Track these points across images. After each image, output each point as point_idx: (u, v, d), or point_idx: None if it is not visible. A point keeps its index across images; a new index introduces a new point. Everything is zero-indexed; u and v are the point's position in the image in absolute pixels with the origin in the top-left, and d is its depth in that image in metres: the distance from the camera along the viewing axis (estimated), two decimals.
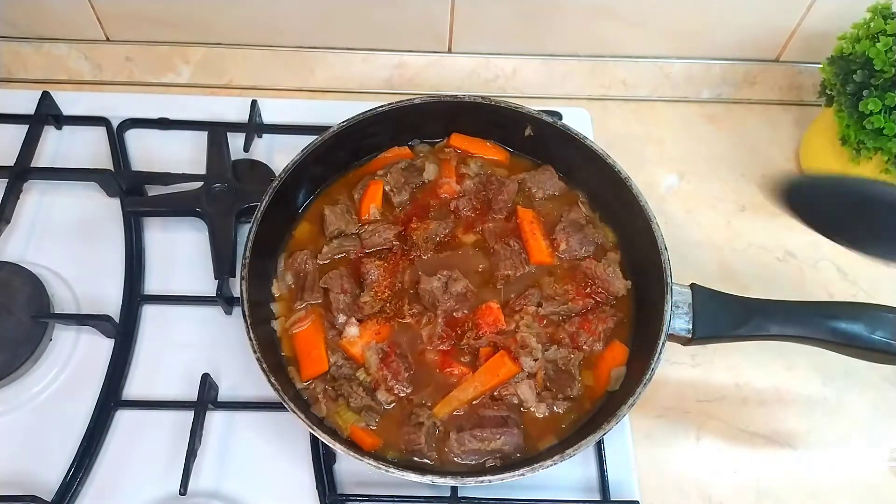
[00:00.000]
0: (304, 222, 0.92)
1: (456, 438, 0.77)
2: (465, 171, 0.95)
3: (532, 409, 0.80)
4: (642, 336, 0.83)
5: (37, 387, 0.86)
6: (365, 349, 0.82)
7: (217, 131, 1.01)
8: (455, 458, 0.77)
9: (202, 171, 0.98)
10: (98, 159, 1.02)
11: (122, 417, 0.85)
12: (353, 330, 0.82)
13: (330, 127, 0.89)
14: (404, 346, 0.83)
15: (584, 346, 0.84)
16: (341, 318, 0.83)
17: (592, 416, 0.81)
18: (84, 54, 1.12)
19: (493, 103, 0.92)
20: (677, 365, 0.92)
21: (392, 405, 0.80)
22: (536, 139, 0.94)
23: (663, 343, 0.78)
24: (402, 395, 0.80)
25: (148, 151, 1.04)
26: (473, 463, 0.77)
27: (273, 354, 0.81)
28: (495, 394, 0.81)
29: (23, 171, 0.99)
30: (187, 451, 0.80)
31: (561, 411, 0.81)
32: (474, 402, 0.80)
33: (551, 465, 0.72)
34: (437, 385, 0.81)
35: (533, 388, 0.80)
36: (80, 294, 0.92)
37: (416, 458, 0.77)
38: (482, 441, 0.77)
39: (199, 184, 0.96)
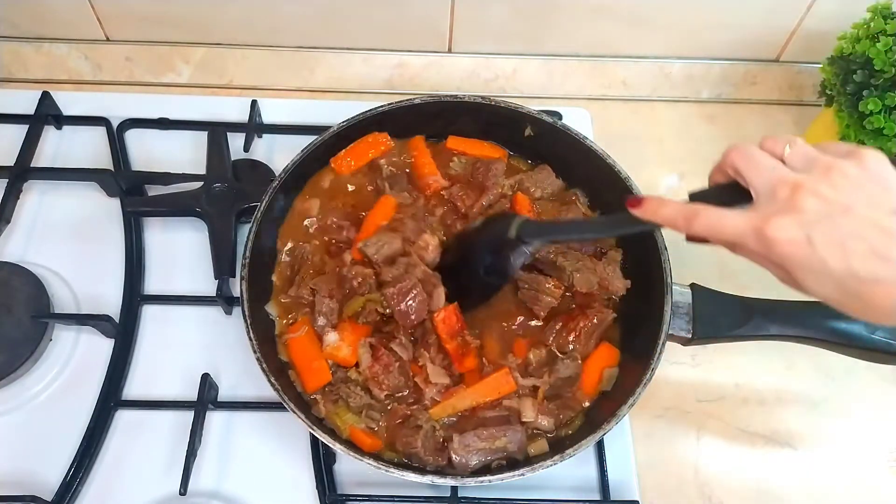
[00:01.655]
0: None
1: (459, 440, 0.76)
2: (449, 171, 0.94)
3: (531, 422, 0.79)
4: (642, 336, 0.83)
5: (37, 387, 0.86)
6: (357, 347, 0.80)
7: (217, 131, 1.01)
8: (461, 460, 0.75)
9: (202, 171, 0.98)
10: (98, 159, 1.02)
11: (122, 417, 0.85)
12: (331, 337, 0.81)
13: (330, 127, 0.89)
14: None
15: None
16: (321, 321, 0.82)
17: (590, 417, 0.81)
18: (84, 54, 1.12)
19: (493, 103, 0.92)
20: (677, 365, 0.92)
21: (389, 402, 0.80)
22: (536, 139, 0.94)
23: (663, 343, 0.78)
24: (394, 387, 0.79)
25: (148, 151, 1.04)
26: (479, 464, 0.76)
27: (274, 355, 0.81)
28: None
29: (23, 171, 0.99)
30: (187, 450, 0.80)
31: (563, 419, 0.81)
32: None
33: (551, 465, 0.72)
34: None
35: (534, 404, 0.80)
36: (80, 294, 0.92)
37: (413, 463, 0.77)
38: (486, 440, 0.76)
39: (199, 184, 0.96)
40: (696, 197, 0.66)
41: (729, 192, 0.64)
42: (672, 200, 0.66)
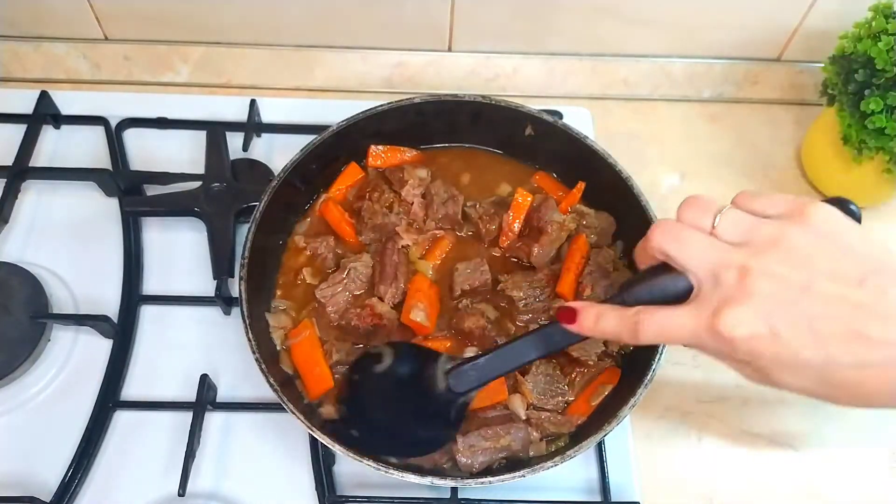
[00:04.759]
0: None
1: (463, 441, 0.75)
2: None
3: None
4: None
5: (35, 387, 0.86)
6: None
7: (216, 131, 1.01)
8: (467, 461, 0.75)
9: (201, 170, 0.98)
10: (96, 159, 1.01)
11: (121, 418, 0.84)
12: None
13: (329, 126, 0.89)
14: None
15: None
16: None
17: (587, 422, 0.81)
18: (83, 53, 1.11)
19: (493, 102, 0.92)
20: (678, 366, 0.92)
21: None
22: (537, 138, 0.93)
23: (664, 344, 0.77)
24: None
25: (146, 151, 1.03)
26: (485, 464, 0.76)
27: (272, 355, 0.81)
28: None
29: (21, 171, 0.99)
30: (186, 452, 0.79)
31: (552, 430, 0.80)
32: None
33: (552, 467, 0.72)
34: None
35: (523, 401, 0.80)
36: (79, 294, 0.92)
37: (424, 466, 0.76)
38: (490, 439, 0.76)
39: (197, 183, 0.96)
40: (629, 286, 0.59)
41: (668, 274, 0.56)
42: (609, 308, 0.58)
